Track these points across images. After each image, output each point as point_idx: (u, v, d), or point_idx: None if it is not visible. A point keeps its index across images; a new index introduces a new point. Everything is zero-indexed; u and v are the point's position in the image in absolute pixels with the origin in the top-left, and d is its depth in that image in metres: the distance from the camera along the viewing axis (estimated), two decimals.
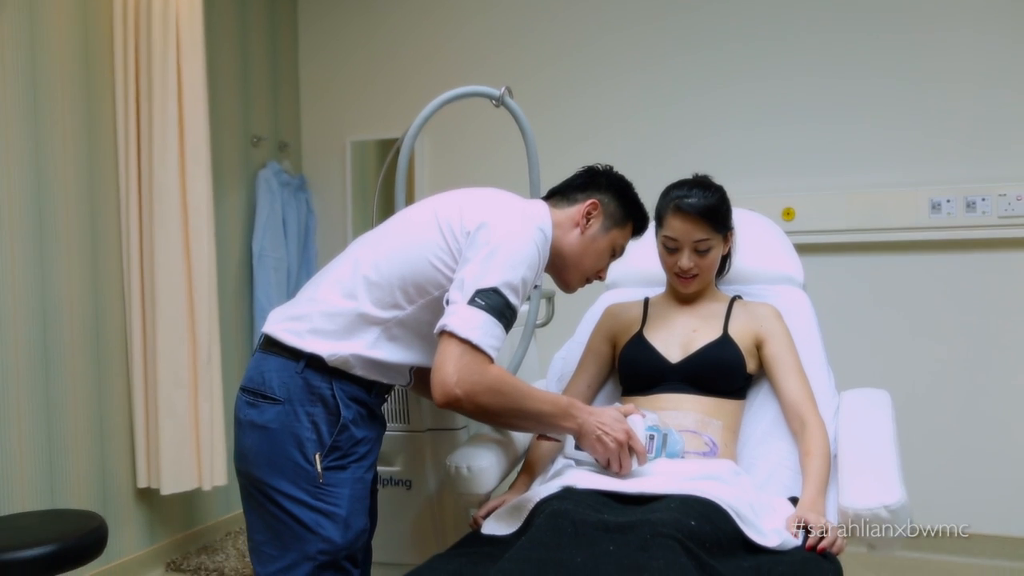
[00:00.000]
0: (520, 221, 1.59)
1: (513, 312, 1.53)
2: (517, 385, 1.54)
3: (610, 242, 1.79)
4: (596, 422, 1.62)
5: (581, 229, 1.75)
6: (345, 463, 1.61)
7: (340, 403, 1.60)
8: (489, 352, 1.48)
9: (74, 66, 2.83)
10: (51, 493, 2.73)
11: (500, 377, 1.50)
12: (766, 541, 1.52)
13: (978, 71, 3.06)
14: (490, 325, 1.48)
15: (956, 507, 3.10)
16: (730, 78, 3.38)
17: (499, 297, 1.50)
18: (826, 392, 1.98)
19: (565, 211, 1.77)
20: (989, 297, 3.07)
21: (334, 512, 1.58)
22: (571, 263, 1.77)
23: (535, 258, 1.58)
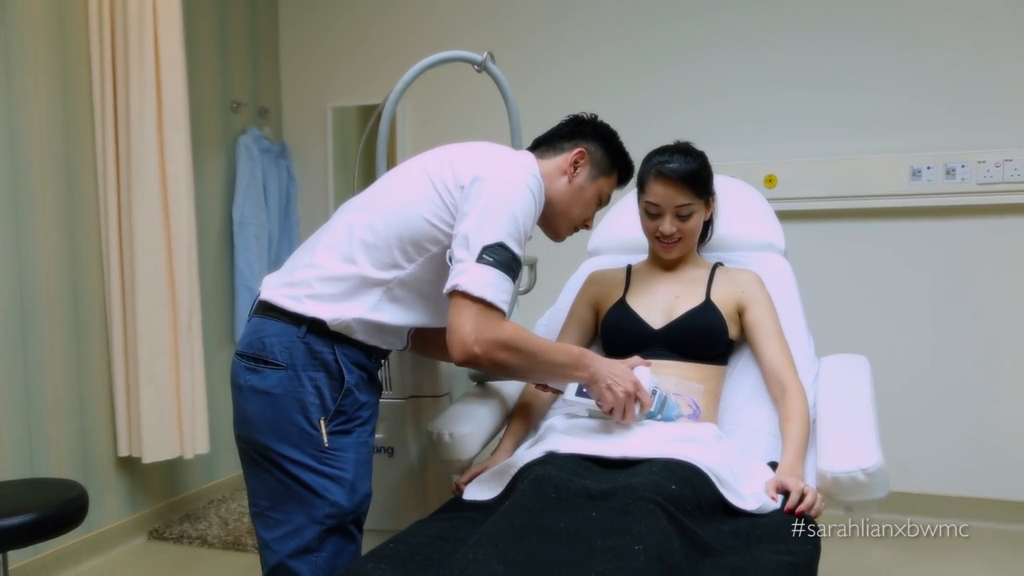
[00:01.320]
0: (513, 170, 1.60)
1: (519, 264, 1.55)
2: (532, 339, 1.57)
3: (597, 190, 1.80)
4: (608, 372, 1.65)
5: (569, 178, 1.76)
6: (350, 427, 1.62)
7: (343, 368, 1.61)
8: (502, 308, 1.50)
9: (48, 31, 2.78)
10: (31, 462, 2.72)
11: (516, 333, 1.53)
12: (745, 504, 1.54)
13: (958, 38, 3.06)
14: (500, 280, 1.50)
15: (932, 470, 3.15)
16: (712, 46, 3.37)
17: (506, 252, 1.51)
18: (806, 358, 2.00)
19: (552, 160, 1.77)
20: (968, 263, 3.10)
21: (340, 476, 1.59)
22: (560, 212, 1.77)
23: (532, 206, 1.59)
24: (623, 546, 1.25)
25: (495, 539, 1.31)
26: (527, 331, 1.58)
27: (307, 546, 1.57)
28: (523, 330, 1.57)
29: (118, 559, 3.00)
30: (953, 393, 3.13)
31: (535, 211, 1.62)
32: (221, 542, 3.06)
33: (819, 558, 1.50)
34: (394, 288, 1.63)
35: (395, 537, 1.52)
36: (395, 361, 2.11)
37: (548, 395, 2.04)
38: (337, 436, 1.60)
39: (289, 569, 1.57)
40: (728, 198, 2.17)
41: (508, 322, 1.52)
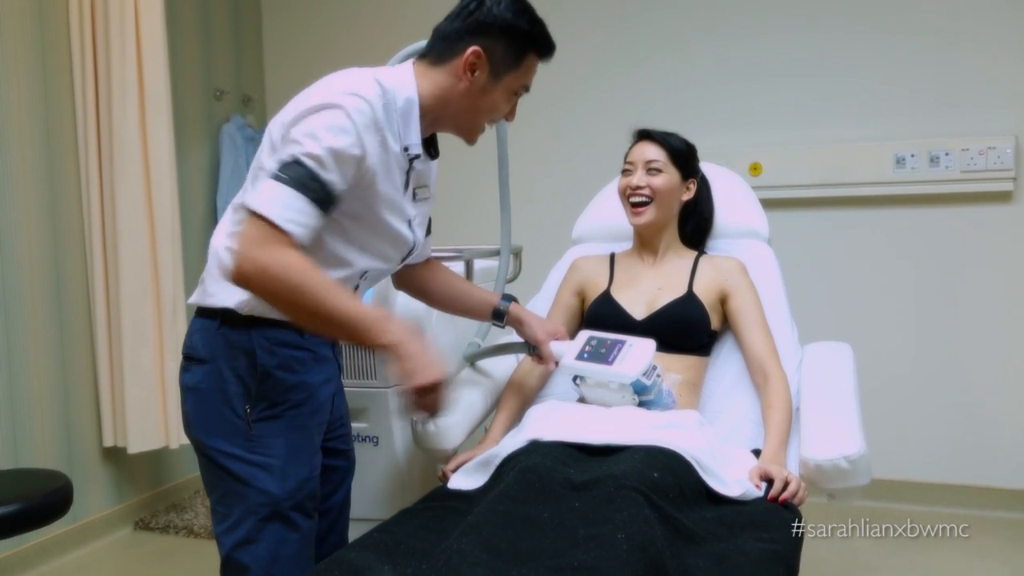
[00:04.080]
0: (333, 93, 1.43)
1: (321, 185, 1.39)
2: (311, 277, 1.37)
3: (506, 89, 1.60)
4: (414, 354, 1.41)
5: (466, 83, 1.55)
6: (277, 412, 1.54)
7: (259, 351, 1.52)
8: (285, 226, 1.36)
9: (28, 19, 2.75)
10: (14, 453, 2.71)
11: (287, 261, 1.35)
12: (728, 491, 1.55)
13: (942, 26, 3.06)
14: (290, 198, 1.37)
15: (915, 458, 3.17)
16: (697, 34, 3.36)
17: (301, 168, 1.38)
18: (790, 345, 2.01)
19: (445, 67, 1.55)
20: (952, 251, 3.11)
21: (269, 463, 1.53)
22: (463, 120, 1.61)
23: (348, 127, 1.41)
24: (606, 535, 1.26)
25: (479, 528, 1.31)
26: (313, 268, 1.38)
27: (247, 537, 1.53)
28: (304, 263, 1.37)
29: (103, 550, 2.99)
30: (936, 380, 3.16)
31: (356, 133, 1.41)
32: (207, 532, 3.05)
33: (802, 546, 1.52)
34: None
35: (380, 526, 1.52)
36: None
37: (536, 383, 2.04)
38: (263, 423, 1.53)
39: (235, 561, 1.55)
40: (713, 185, 2.18)
41: (288, 250, 1.35)
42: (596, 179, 2.46)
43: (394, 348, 1.41)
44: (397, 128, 1.51)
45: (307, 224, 1.39)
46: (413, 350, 1.41)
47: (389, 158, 1.50)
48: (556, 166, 3.56)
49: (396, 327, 1.42)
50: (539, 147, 3.54)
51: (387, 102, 1.48)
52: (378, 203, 1.52)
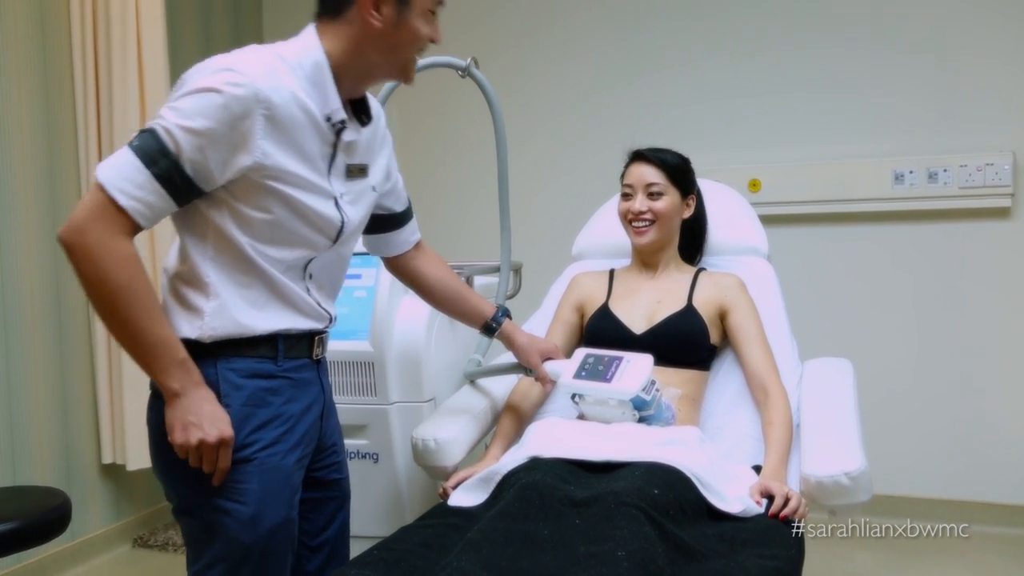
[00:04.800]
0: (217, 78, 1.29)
1: (172, 164, 1.27)
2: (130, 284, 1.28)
3: (420, 11, 1.43)
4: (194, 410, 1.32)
5: (377, 23, 1.39)
6: (249, 454, 1.39)
7: (224, 385, 1.38)
8: (121, 201, 1.25)
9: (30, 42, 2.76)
10: (12, 470, 2.70)
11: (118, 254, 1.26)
12: (729, 507, 1.54)
13: (940, 43, 3.08)
14: (131, 167, 1.26)
15: (916, 474, 3.17)
16: (697, 51, 3.38)
17: (152, 139, 1.26)
18: (790, 361, 2.01)
19: (346, 16, 1.40)
20: (950, 267, 3.12)
21: (238, 509, 1.38)
22: (389, 61, 1.45)
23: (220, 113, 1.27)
24: (606, 552, 1.25)
25: (479, 546, 1.31)
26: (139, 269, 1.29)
27: None
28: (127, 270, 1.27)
29: (102, 567, 2.98)
30: (936, 396, 3.15)
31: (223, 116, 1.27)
32: None
33: (803, 563, 1.51)
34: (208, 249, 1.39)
35: (380, 544, 1.52)
36: (379, 367, 2.10)
37: (536, 399, 2.04)
38: (233, 465, 1.38)
39: None
40: (712, 202, 2.18)
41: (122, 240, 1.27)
42: (596, 195, 2.47)
43: (171, 396, 1.33)
44: (311, 98, 1.37)
45: (146, 201, 1.27)
46: (188, 406, 1.32)
47: (298, 136, 1.35)
48: (556, 183, 3.57)
49: (182, 375, 1.32)
50: (539, 164, 3.55)
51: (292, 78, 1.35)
52: (289, 186, 1.36)
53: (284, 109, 1.33)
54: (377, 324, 2.12)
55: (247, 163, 1.31)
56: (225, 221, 1.36)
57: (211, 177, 1.31)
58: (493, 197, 2.30)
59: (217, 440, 1.33)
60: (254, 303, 1.40)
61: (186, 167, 1.28)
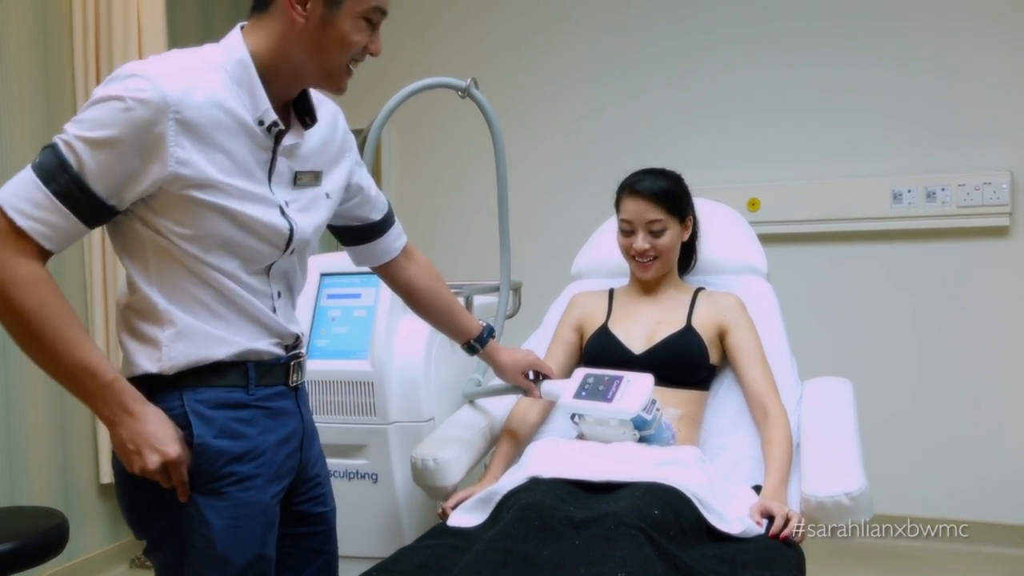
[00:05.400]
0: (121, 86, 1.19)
1: (71, 178, 1.17)
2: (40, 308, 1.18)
3: (350, 14, 1.29)
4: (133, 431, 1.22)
5: (301, 20, 1.28)
6: (219, 487, 1.29)
7: (194, 419, 1.28)
8: (20, 222, 1.15)
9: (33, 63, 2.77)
10: (10, 490, 2.69)
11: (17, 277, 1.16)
12: (729, 528, 1.54)
13: (938, 62, 3.10)
14: (28, 186, 1.16)
15: (917, 494, 3.15)
16: (694, 69, 3.40)
17: (52, 154, 1.17)
18: (789, 381, 2.00)
19: (271, 12, 1.31)
20: (949, 286, 3.12)
21: (204, 547, 1.29)
22: (316, 66, 1.33)
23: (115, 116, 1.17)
24: (606, 573, 1.25)
25: (478, 567, 1.31)
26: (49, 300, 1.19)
27: None
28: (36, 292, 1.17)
29: None
30: (937, 415, 3.15)
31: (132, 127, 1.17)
32: None
33: None
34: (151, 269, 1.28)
35: (379, 565, 1.51)
36: (379, 386, 2.10)
37: (535, 419, 2.04)
38: (204, 498, 1.29)
39: None
40: (710, 222, 2.18)
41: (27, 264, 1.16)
42: (595, 215, 2.48)
43: (109, 426, 1.24)
44: (238, 100, 1.27)
45: (47, 222, 1.17)
46: (125, 435, 1.22)
47: (224, 142, 1.24)
48: (555, 202, 3.58)
49: (111, 400, 1.22)
50: (538, 183, 3.56)
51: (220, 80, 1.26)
52: (220, 196, 1.25)
53: (201, 113, 1.21)
54: (376, 344, 2.12)
55: (162, 174, 1.19)
56: (161, 240, 1.26)
57: (121, 192, 1.20)
58: (493, 216, 2.31)
59: (158, 466, 1.22)
60: (213, 324, 1.30)
61: (90, 183, 1.18)
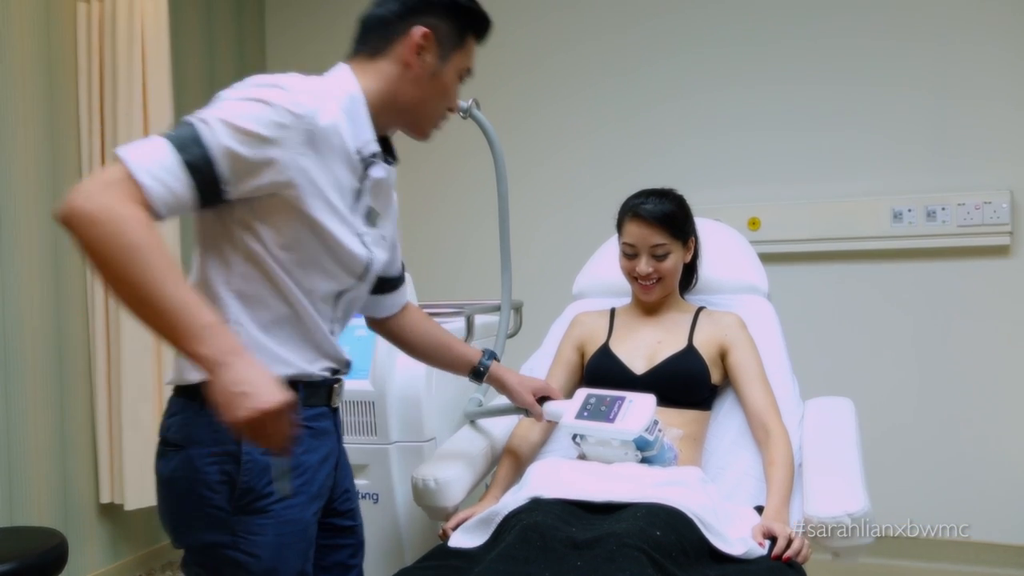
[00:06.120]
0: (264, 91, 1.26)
1: (204, 153, 1.20)
2: (149, 242, 1.12)
3: (455, 70, 1.46)
4: (242, 373, 1.14)
5: (415, 67, 1.41)
6: (265, 505, 1.34)
7: None
8: (141, 177, 1.15)
9: (37, 76, 2.79)
10: (10, 510, 2.68)
11: (129, 213, 1.12)
12: (731, 549, 1.53)
13: (937, 81, 3.11)
14: (161, 152, 1.18)
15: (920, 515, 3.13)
16: (695, 88, 3.41)
17: (189, 129, 1.20)
18: (791, 401, 2.00)
19: (387, 55, 1.41)
20: (950, 305, 3.12)
21: (251, 564, 1.33)
22: (416, 111, 1.46)
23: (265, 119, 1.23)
24: None
25: None
26: (156, 238, 1.14)
27: None
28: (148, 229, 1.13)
29: None
30: (938, 435, 3.14)
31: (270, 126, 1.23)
32: None
33: None
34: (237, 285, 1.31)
35: None
36: (380, 406, 2.10)
37: (536, 439, 2.03)
38: (249, 516, 1.33)
39: None
40: (710, 241, 2.19)
41: (132, 205, 1.14)
42: (596, 234, 2.48)
43: (211, 368, 1.14)
44: (345, 128, 1.33)
45: (168, 185, 1.17)
46: (234, 376, 1.13)
47: (333, 162, 1.31)
48: (556, 221, 3.59)
49: (220, 342, 1.14)
50: (539, 203, 3.57)
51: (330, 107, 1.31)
52: (318, 213, 1.30)
53: (325, 132, 1.29)
54: (378, 363, 2.12)
55: (280, 178, 1.25)
56: (254, 244, 1.29)
57: (238, 181, 1.23)
58: (494, 236, 2.31)
59: (280, 404, 1.14)
60: (277, 341, 1.33)
61: (218, 161, 1.21)
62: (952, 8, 3.09)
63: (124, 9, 2.88)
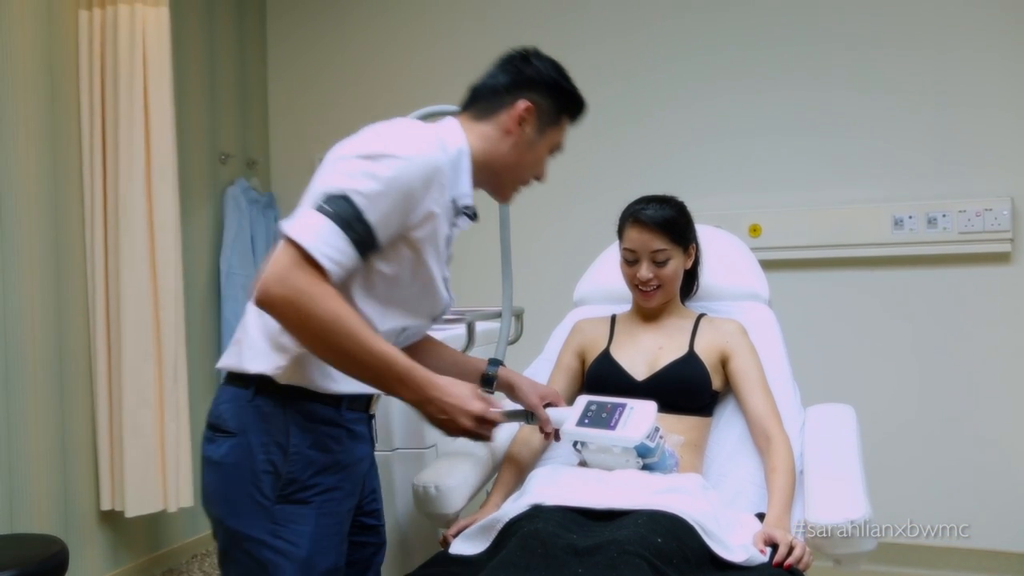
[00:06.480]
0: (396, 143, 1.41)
1: (366, 228, 1.34)
2: (340, 315, 1.31)
3: (548, 144, 1.62)
4: (442, 403, 1.41)
5: (515, 137, 1.55)
6: (307, 496, 1.44)
7: (293, 427, 1.44)
8: (322, 261, 1.30)
9: (39, 84, 2.80)
10: (10, 517, 2.68)
11: (319, 297, 1.29)
12: (733, 556, 1.53)
13: (938, 88, 3.11)
14: (329, 233, 1.31)
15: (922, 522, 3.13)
16: (696, 95, 3.42)
17: (348, 205, 1.33)
18: (792, 407, 2.00)
19: (492, 120, 1.56)
20: (951, 312, 3.12)
21: (293, 551, 1.42)
22: (507, 175, 1.59)
23: (404, 185, 1.37)
24: None
25: None
26: (345, 308, 1.32)
27: None
28: (337, 301, 1.31)
29: None
30: (939, 441, 3.13)
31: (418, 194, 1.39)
32: None
33: None
34: None
35: None
36: (380, 413, 2.10)
37: (538, 445, 2.03)
38: (291, 506, 1.43)
39: None
40: (711, 248, 2.19)
41: (323, 284, 1.30)
42: (597, 241, 2.49)
43: (417, 406, 1.42)
44: (451, 179, 1.46)
45: (342, 264, 1.33)
46: (437, 408, 1.41)
47: (442, 211, 1.45)
48: (557, 228, 3.59)
49: (416, 384, 1.39)
50: (540, 209, 3.56)
51: (443, 154, 1.45)
52: (428, 255, 1.46)
53: (444, 181, 1.43)
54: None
55: (410, 223, 1.40)
56: (354, 283, 1.42)
57: (386, 233, 1.38)
58: (495, 242, 2.32)
59: (475, 424, 1.43)
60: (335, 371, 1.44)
61: (374, 231, 1.35)
62: (952, 16, 3.10)
63: (126, 17, 2.89)
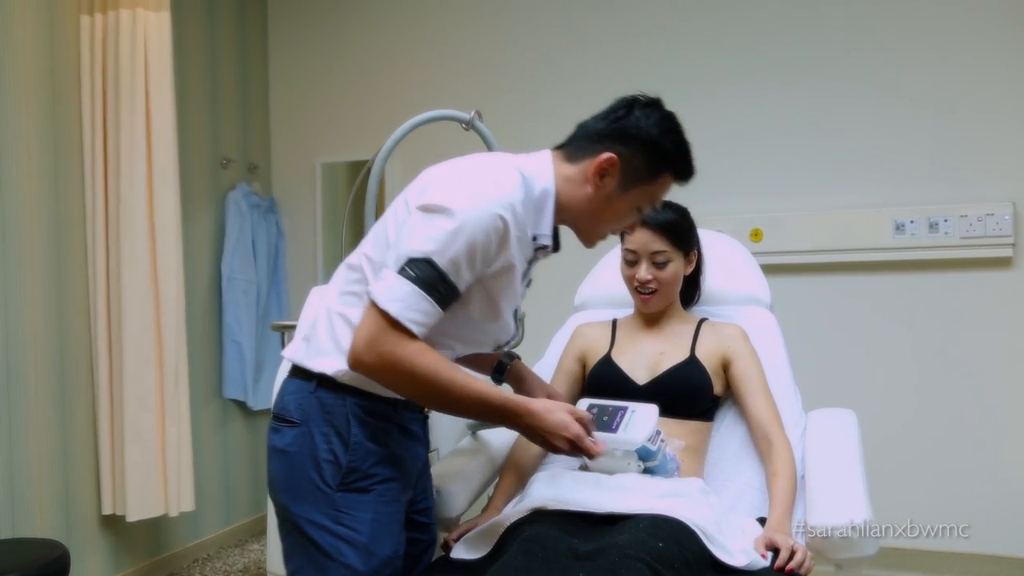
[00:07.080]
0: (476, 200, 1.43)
1: (448, 287, 1.41)
2: (435, 368, 1.41)
3: (632, 202, 1.57)
4: (541, 428, 1.50)
5: (593, 187, 1.54)
6: (367, 485, 1.52)
7: (353, 420, 1.52)
8: (409, 326, 1.39)
9: (40, 88, 2.81)
10: (11, 522, 2.68)
11: (412, 357, 1.39)
12: (734, 561, 1.53)
13: (939, 93, 3.12)
14: (415, 298, 1.39)
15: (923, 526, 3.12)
16: (696, 99, 3.42)
17: (432, 269, 1.40)
18: (793, 412, 2.00)
19: (578, 165, 1.56)
20: (952, 317, 3.12)
21: (354, 537, 1.49)
22: (582, 222, 1.60)
23: (483, 241, 1.42)
24: None
25: None
26: (435, 358, 1.42)
27: None
28: (428, 356, 1.41)
29: None
30: (940, 446, 3.13)
31: (493, 247, 1.44)
32: None
33: None
34: None
35: None
36: None
37: (539, 449, 2.03)
38: (353, 494, 1.51)
39: None
40: (713, 252, 2.19)
41: (412, 343, 1.40)
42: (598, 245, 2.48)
43: (519, 431, 1.53)
44: (528, 213, 1.50)
45: (427, 324, 1.41)
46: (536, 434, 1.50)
47: (520, 253, 1.50)
48: None
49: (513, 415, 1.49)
50: None
51: (526, 194, 1.49)
52: (501, 296, 1.52)
53: (519, 224, 1.47)
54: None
55: (487, 271, 1.47)
56: None
57: (464, 286, 1.45)
58: None
59: (572, 445, 1.50)
60: None
61: (457, 288, 1.43)
62: (954, 21, 3.10)
63: (127, 22, 2.90)
